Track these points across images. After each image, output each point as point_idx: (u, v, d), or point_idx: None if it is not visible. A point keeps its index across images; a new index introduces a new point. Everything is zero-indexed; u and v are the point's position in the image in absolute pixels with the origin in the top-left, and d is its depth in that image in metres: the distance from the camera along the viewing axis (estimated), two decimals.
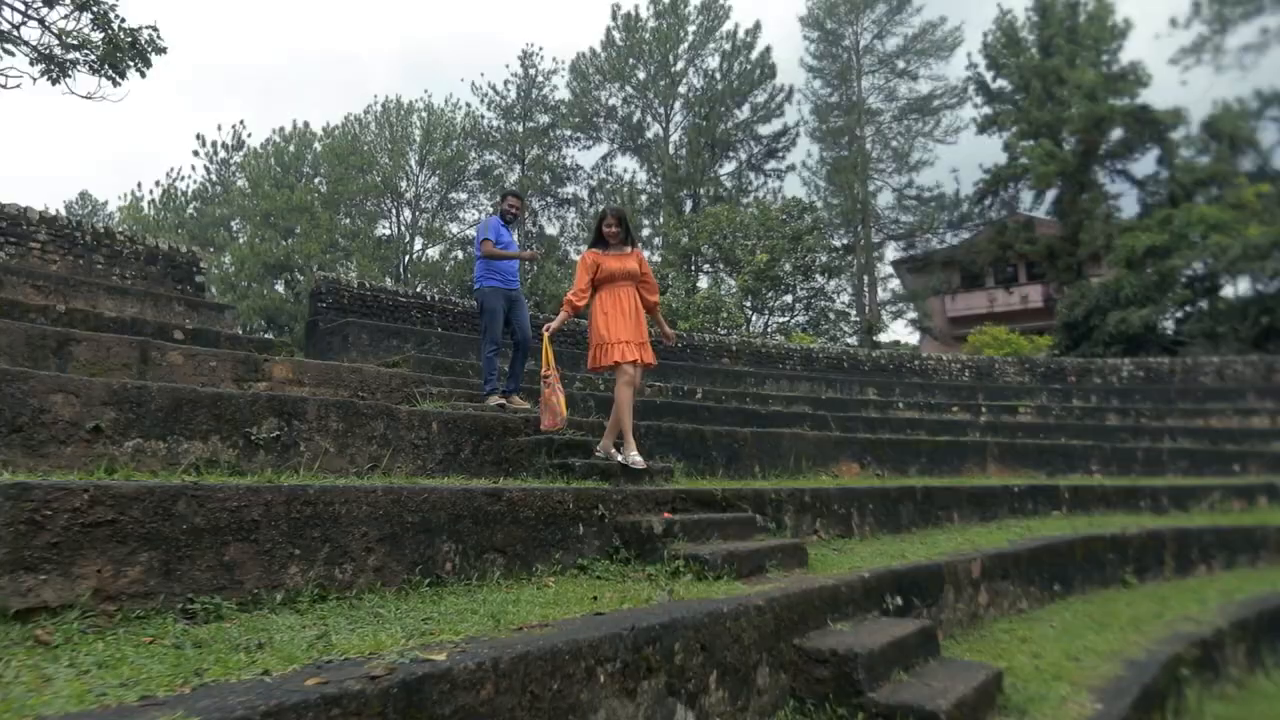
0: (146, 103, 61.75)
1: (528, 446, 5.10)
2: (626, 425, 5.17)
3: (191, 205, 33.45)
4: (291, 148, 34.24)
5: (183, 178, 35.17)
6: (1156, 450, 11.91)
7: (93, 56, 8.16)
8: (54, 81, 8.10)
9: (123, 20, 8.17)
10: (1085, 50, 27.63)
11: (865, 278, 33.74)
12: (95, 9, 7.96)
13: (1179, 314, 23.45)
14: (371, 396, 5.92)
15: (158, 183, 37.16)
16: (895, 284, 35.55)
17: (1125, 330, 21.44)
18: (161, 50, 8.79)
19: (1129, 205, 34.18)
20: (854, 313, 31.66)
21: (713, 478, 6.67)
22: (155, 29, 8.72)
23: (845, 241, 34.03)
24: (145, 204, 34.56)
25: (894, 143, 35.54)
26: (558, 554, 3.91)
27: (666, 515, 4.52)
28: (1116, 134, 27.02)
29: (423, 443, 4.69)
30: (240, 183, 33.39)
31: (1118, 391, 16.45)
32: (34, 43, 7.77)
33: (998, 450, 10.29)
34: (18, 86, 8.78)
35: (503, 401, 6.46)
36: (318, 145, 33.80)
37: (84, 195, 38.65)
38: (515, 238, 7.06)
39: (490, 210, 33.34)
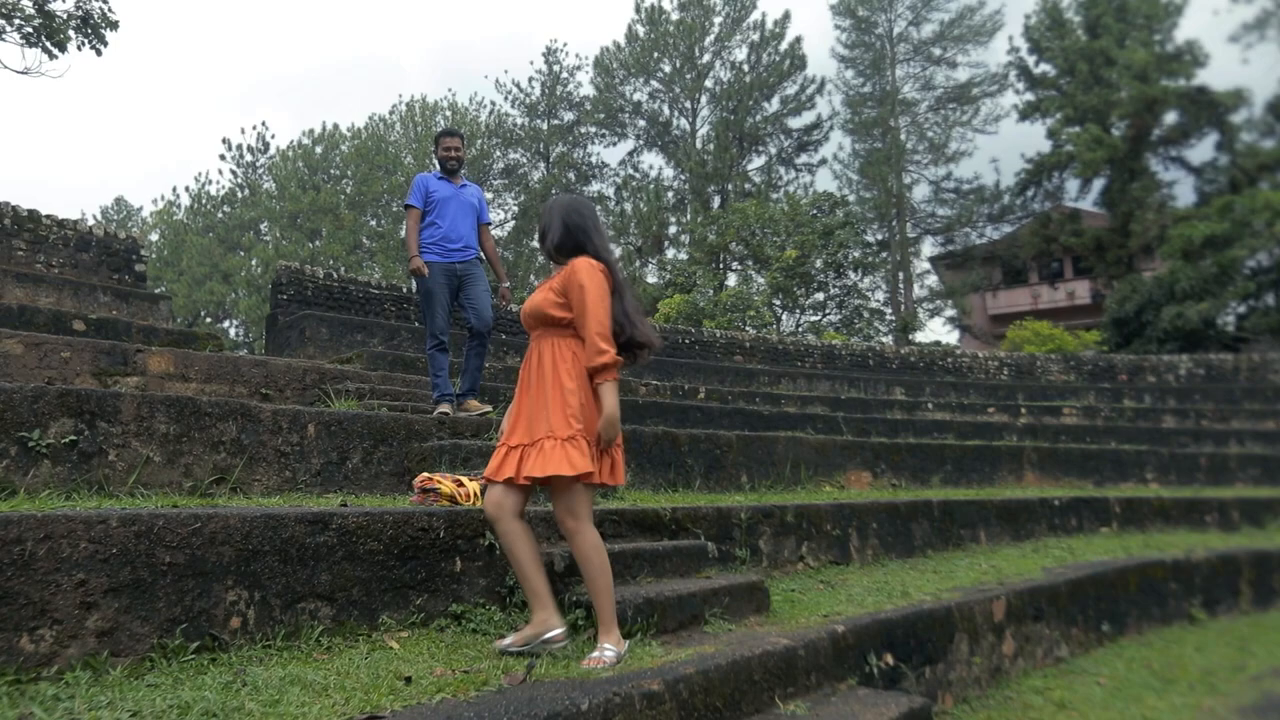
0: (191, 113, 62.66)
1: (434, 453, 4.16)
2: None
3: (221, 209, 33.35)
4: (319, 150, 34.01)
5: (210, 182, 35.21)
6: (1222, 456, 10.54)
7: (28, 28, 7.51)
8: None
9: None
10: (1136, 29, 25.93)
11: (900, 274, 32.30)
12: None
13: (1241, 308, 21.71)
14: (279, 395, 5.05)
15: (187, 189, 37.30)
16: (932, 280, 33.99)
17: (1181, 326, 19.80)
18: (114, 25, 8.13)
19: (1184, 193, 32.23)
20: (889, 311, 30.29)
21: (686, 491, 5.67)
22: (105, 3, 8.07)
23: (879, 237, 32.67)
24: (180, 209, 34.62)
25: (930, 133, 34.01)
26: (419, 599, 2.96)
27: None
28: (1170, 118, 25.28)
29: (293, 450, 3.77)
30: (267, 185, 33.22)
31: (1175, 391, 14.98)
32: None
33: (1036, 456, 9.08)
34: None
35: (446, 411, 5.02)
36: (344, 147, 33.49)
37: (119, 201, 38.93)
38: (463, 193, 5.38)
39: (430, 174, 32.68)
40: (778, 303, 27.12)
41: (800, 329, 27.14)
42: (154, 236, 34.61)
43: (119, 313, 6.28)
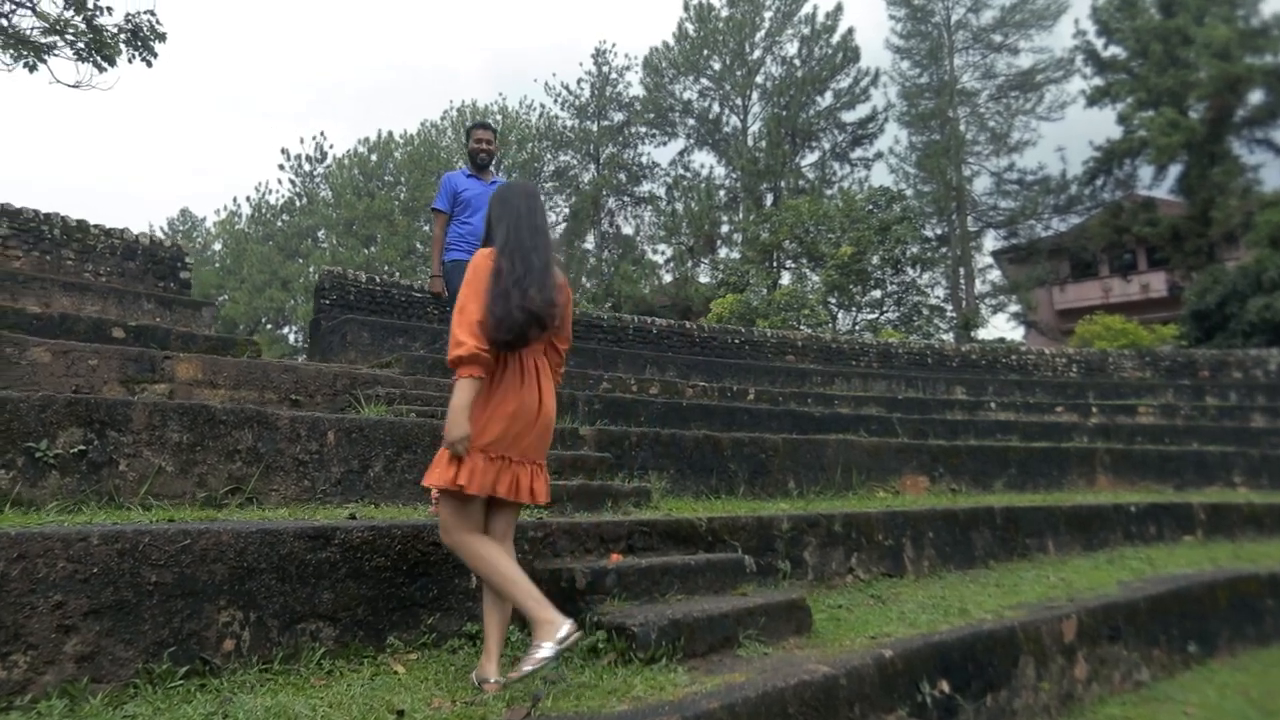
0: (254, 126, 64.75)
1: None
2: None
3: (280, 218, 34.25)
4: (374, 158, 34.63)
5: (270, 191, 36.15)
6: None
7: (80, 44, 7.69)
8: (31, 69, 7.67)
9: (109, 8, 7.69)
10: (1216, 5, 24.51)
11: (961, 270, 31.28)
12: None
13: None
14: (309, 401, 4.97)
15: (248, 198, 38.41)
16: (995, 275, 32.77)
17: (1270, 318, 18.57)
18: (161, 37, 8.28)
19: (1271, 177, 30.42)
20: (949, 307, 29.35)
21: (729, 498, 5.40)
22: (153, 14, 8.22)
23: (939, 231, 31.70)
24: (242, 218, 35.66)
25: (991, 123, 32.84)
26: (431, 618, 2.78)
27: (616, 558, 3.32)
28: (1255, 97, 23.82)
29: (312, 458, 3.65)
30: (324, 193, 33.98)
31: (1264, 388, 14.02)
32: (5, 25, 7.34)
33: (1110, 458, 8.52)
34: None
35: None
36: (398, 154, 34.04)
37: (184, 212, 40.32)
38: (493, 188, 5.25)
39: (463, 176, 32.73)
40: (833, 301, 26.53)
41: (857, 327, 26.49)
42: (217, 246, 35.72)
43: (162, 320, 6.33)
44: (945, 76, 33.03)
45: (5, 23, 7.47)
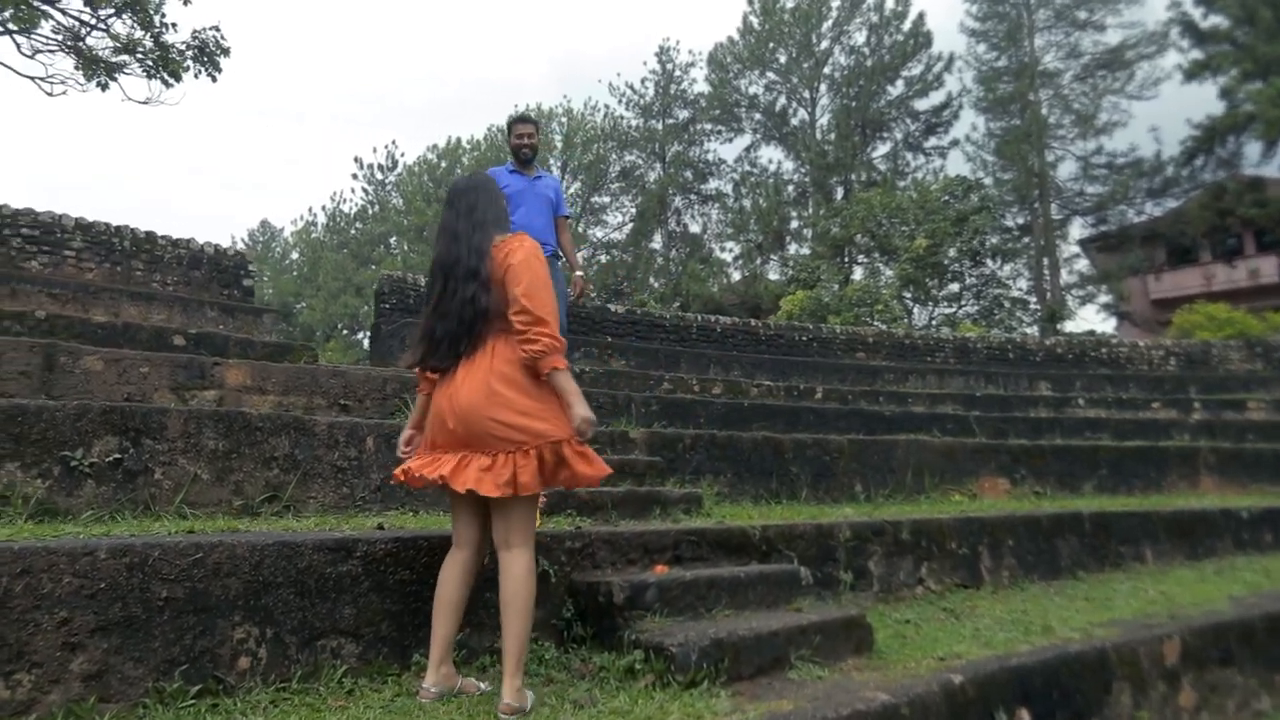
0: (329, 137, 67.07)
1: None
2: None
3: (354, 226, 35.31)
4: (443, 164, 35.34)
5: (344, 200, 37.27)
6: None
7: (149, 61, 7.98)
8: (103, 87, 8.01)
9: (174, 25, 7.99)
10: None
11: (1045, 260, 29.85)
12: (137, 11, 7.75)
13: None
14: (358, 406, 4.93)
15: (324, 208, 39.70)
16: (1083, 265, 31.13)
17: None
18: (226, 51, 8.53)
19: None
20: (1033, 300, 28.06)
21: (791, 503, 5.13)
22: (218, 29, 8.48)
23: (1020, 221, 30.34)
24: (318, 227, 36.93)
25: (1076, 105, 31.22)
26: (461, 634, 2.63)
27: (660, 569, 3.13)
28: None
29: (350, 465, 3.57)
30: (395, 201, 34.84)
31: None
32: (68, 42, 7.67)
33: (1215, 458, 7.85)
34: (63, 93, 8.91)
35: None
36: (465, 159, 34.64)
37: (264, 224, 42.00)
38: (538, 185, 5.02)
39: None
40: (908, 296, 25.70)
41: (933, 323, 25.58)
42: (294, 255, 37.03)
43: (224, 327, 6.46)
44: (1025, 58, 31.58)
45: (81, 44, 7.83)
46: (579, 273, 5.29)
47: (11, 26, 7.53)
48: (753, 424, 6.67)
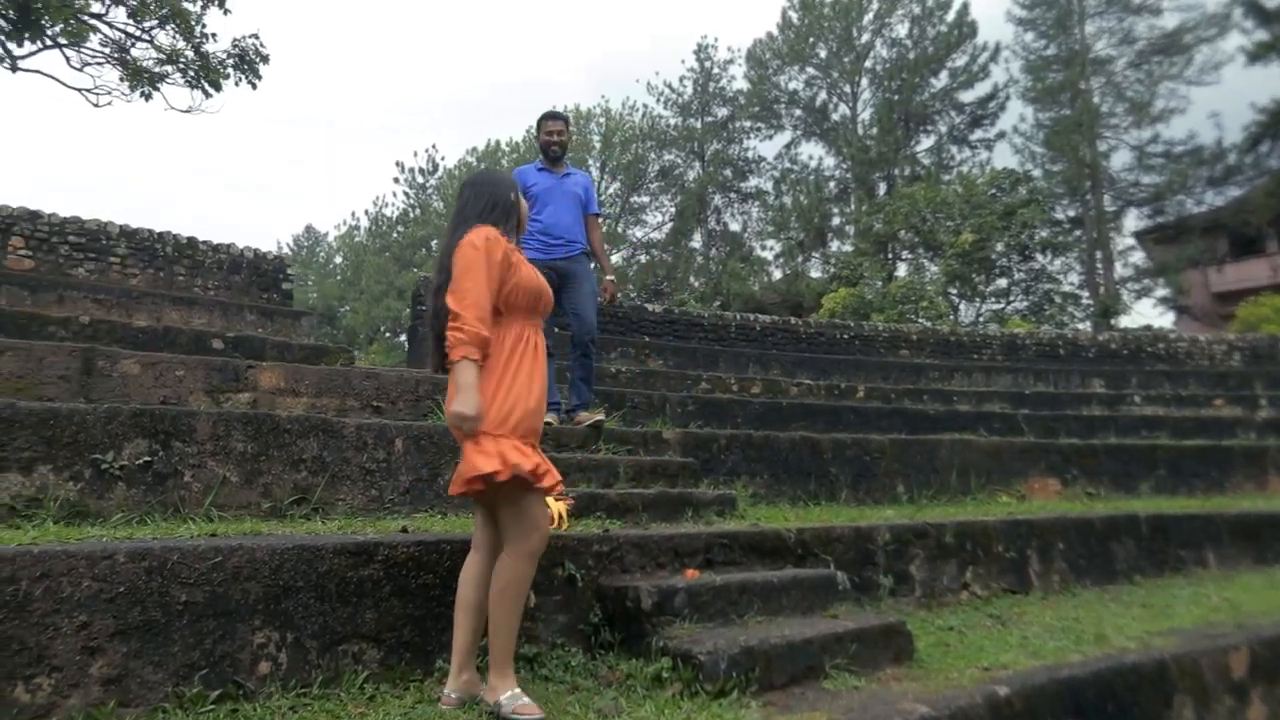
0: (370, 143, 68.25)
1: None
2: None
3: (395, 229, 35.82)
4: (483, 166, 35.67)
5: (386, 205, 37.80)
6: None
7: (191, 71, 8.16)
8: (147, 97, 8.23)
9: (214, 35, 8.17)
10: None
11: (1098, 253, 28.92)
12: (178, 23, 7.94)
13: None
14: (391, 408, 4.93)
15: (366, 212, 40.32)
16: (1138, 257, 30.06)
17: None
18: (265, 59, 8.68)
19: None
20: (1085, 294, 27.24)
21: (830, 504, 5.00)
22: (256, 37, 8.64)
23: (1071, 213, 29.45)
24: (361, 231, 37.55)
25: (1130, 92, 30.17)
26: (485, 640, 2.58)
27: (691, 574, 3.04)
28: None
29: (379, 467, 3.56)
30: (436, 204, 35.26)
31: None
32: (114, 54, 7.87)
33: None
34: (109, 104, 9.13)
35: (549, 421, 4.37)
36: (504, 161, 34.90)
37: (309, 229, 42.78)
38: (567, 182, 4.87)
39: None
40: (954, 292, 25.16)
41: (981, 319, 24.99)
42: (338, 259, 37.68)
43: (263, 330, 6.54)
44: (1075, 46, 30.65)
45: (127, 56, 8.04)
46: (610, 277, 5.18)
47: (62, 40, 7.79)
48: (792, 424, 6.54)
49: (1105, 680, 2.81)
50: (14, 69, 7.47)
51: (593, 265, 5.14)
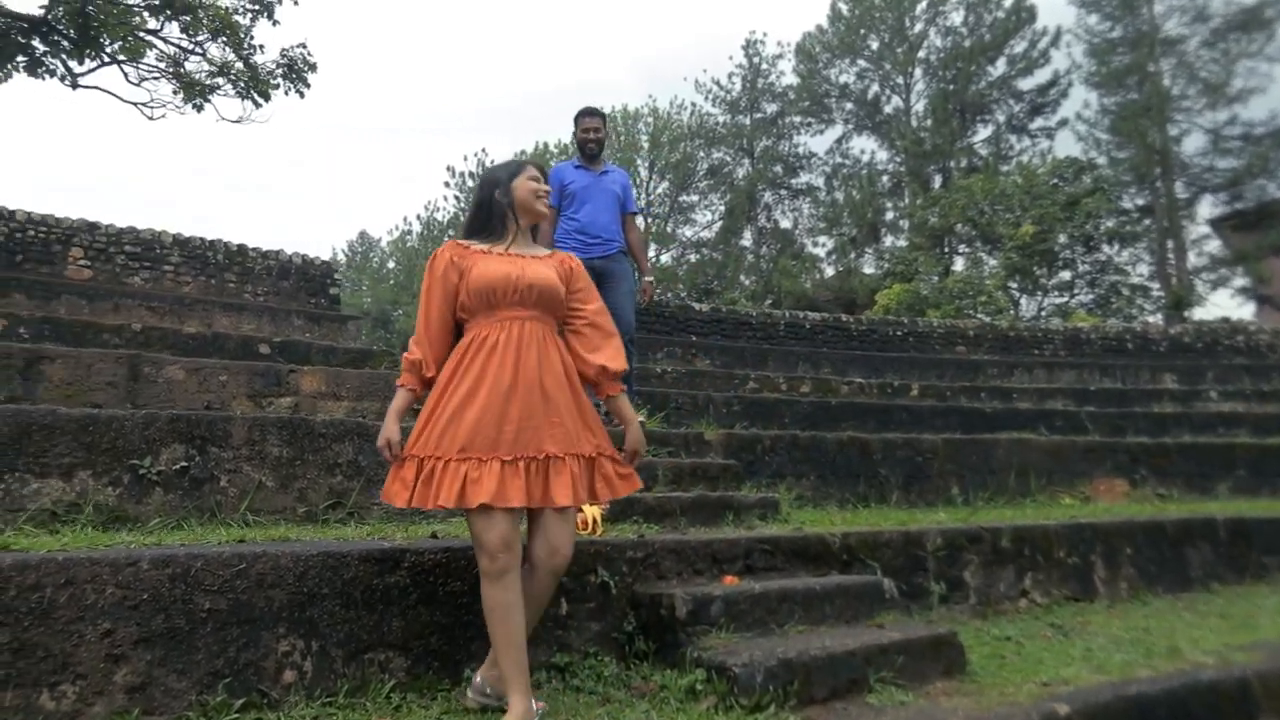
0: (422, 147, 69.51)
1: None
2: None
3: (446, 233, 36.33)
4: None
5: (437, 209, 38.33)
6: None
7: (241, 82, 8.37)
8: (199, 109, 8.47)
9: (261, 46, 8.38)
10: None
11: (1169, 242, 27.72)
12: (228, 35, 8.16)
13: None
14: None
15: (418, 216, 41.01)
16: (1214, 246, 28.67)
17: None
18: (313, 67, 8.86)
19: None
20: (1155, 285, 26.12)
21: (880, 506, 4.82)
22: (304, 46, 8.82)
23: (1139, 201, 28.29)
24: (413, 236, 38.18)
25: (1204, 73, 28.77)
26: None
27: (729, 581, 2.93)
28: None
29: None
30: None
31: None
32: (169, 69, 8.12)
33: None
34: (163, 117, 9.39)
35: None
36: (553, 163, 35.08)
37: (362, 234, 43.67)
38: (604, 180, 4.76)
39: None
40: (1014, 286, 24.40)
41: (1042, 313, 24.18)
42: (391, 264, 38.37)
43: (310, 334, 6.64)
44: (1143, 26, 29.42)
45: (181, 70, 8.30)
46: (648, 278, 5.06)
47: (121, 57, 8.09)
48: (841, 423, 6.36)
49: (1179, 698, 2.61)
50: (74, 86, 7.81)
51: (631, 265, 5.06)
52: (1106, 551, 4.13)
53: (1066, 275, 24.83)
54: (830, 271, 30.66)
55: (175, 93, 8.56)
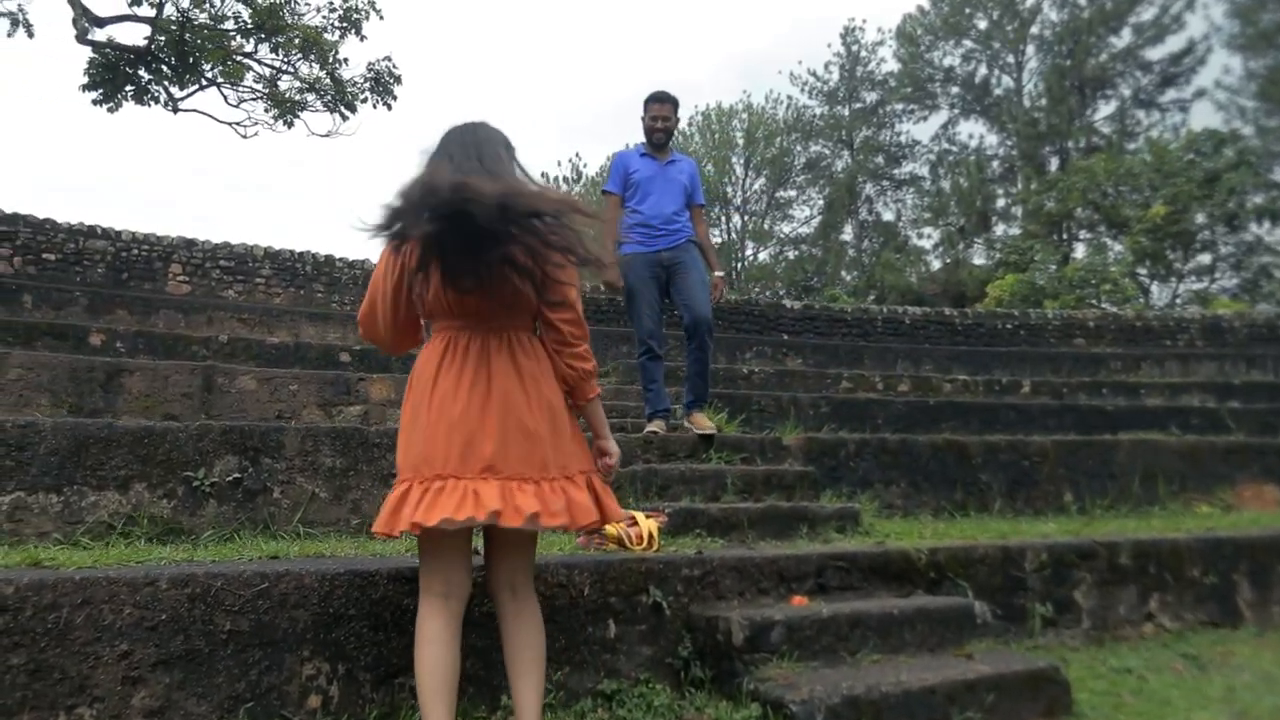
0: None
1: (626, 480, 3.54)
2: None
3: None
4: None
5: None
6: None
7: (328, 97, 8.66)
8: (289, 125, 8.81)
9: (346, 60, 8.64)
10: None
11: None
12: (317, 52, 8.44)
13: None
14: None
15: None
16: None
17: None
18: (399, 79, 9.07)
19: None
20: None
21: (980, 516, 4.40)
22: (390, 59, 9.05)
23: None
24: None
25: None
26: (557, 674, 2.35)
27: (798, 601, 2.66)
28: None
29: None
30: None
31: None
32: (264, 89, 8.47)
33: None
34: (255, 135, 9.82)
35: (655, 429, 4.19)
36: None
37: None
38: (670, 170, 4.46)
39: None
40: (1143, 272, 22.63)
41: (1178, 301, 22.31)
42: None
43: None
44: None
45: (275, 89, 8.68)
46: (718, 273, 4.77)
47: (220, 80, 8.54)
48: (940, 424, 5.91)
49: None
50: (175, 110, 8.31)
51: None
52: (1253, 569, 3.59)
53: (1206, 258, 22.93)
54: (936, 264, 29.32)
55: (267, 110, 8.99)
